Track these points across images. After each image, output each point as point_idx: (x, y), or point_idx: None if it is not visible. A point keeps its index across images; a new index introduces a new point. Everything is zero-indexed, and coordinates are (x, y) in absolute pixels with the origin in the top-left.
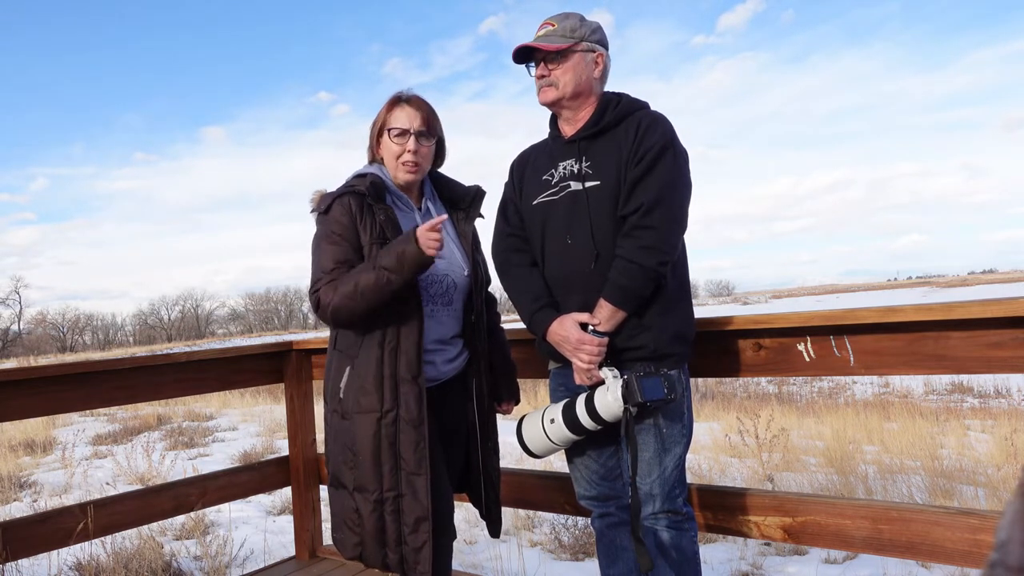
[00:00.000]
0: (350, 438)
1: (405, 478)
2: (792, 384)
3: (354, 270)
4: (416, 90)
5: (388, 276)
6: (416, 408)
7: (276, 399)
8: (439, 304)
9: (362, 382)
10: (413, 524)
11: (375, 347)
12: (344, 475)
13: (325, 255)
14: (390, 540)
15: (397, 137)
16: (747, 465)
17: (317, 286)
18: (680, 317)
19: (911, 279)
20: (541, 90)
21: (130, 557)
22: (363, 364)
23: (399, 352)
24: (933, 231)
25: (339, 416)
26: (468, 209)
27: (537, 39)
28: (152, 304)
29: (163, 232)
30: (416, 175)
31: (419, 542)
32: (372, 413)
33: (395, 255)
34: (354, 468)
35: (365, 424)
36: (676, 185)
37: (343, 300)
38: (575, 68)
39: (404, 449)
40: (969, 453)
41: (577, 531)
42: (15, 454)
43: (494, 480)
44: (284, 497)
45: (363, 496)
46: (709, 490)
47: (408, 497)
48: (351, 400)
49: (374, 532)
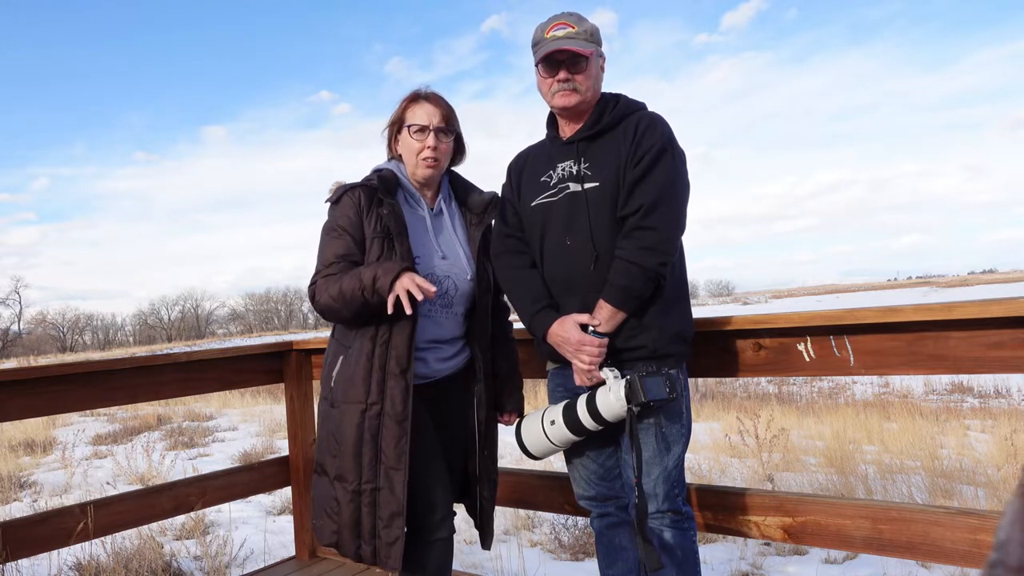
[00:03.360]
0: (335, 426)
1: (383, 471)
2: (792, 384)
3: (347, 273)
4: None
5: (362, 290)
6: (401, 404)
7: (276, 399)
8: (437, 306)
9: (351, 373)
10: (388, 518)
11: (368, 340)
12: (327, 462)
13: (327, 248)
14: (365, 532)
15: (417, 133)
16: (747, 465)
17: (314, 279)
18: (679, 317)
19: (911, 279)
20: (561, 93)
21: (130, 557)
22: (354, 355)
23: (390, 347)
24: (933, 231)
25: (328, 404)
26: (482, 215)
27: (561, 40)
28: (152, 304)
29: (163, 232)
30: (435, 171)
31: (392, 537)
32: (357, 404)
33: (371, 276)
34: (336, 456)
35: (350, 414)
36: (675, 186)
37: (329, 300)
38: (595, 74)
39: (385, 443)
40: (969, 453)
41: (577, 531)
42: (15, 454)
43: (489, 492)
44: (284, 497)
45: (342, 485)
46: (709, 490)
47: (385, 491)
48: (340, 389)
49: (350, 522)
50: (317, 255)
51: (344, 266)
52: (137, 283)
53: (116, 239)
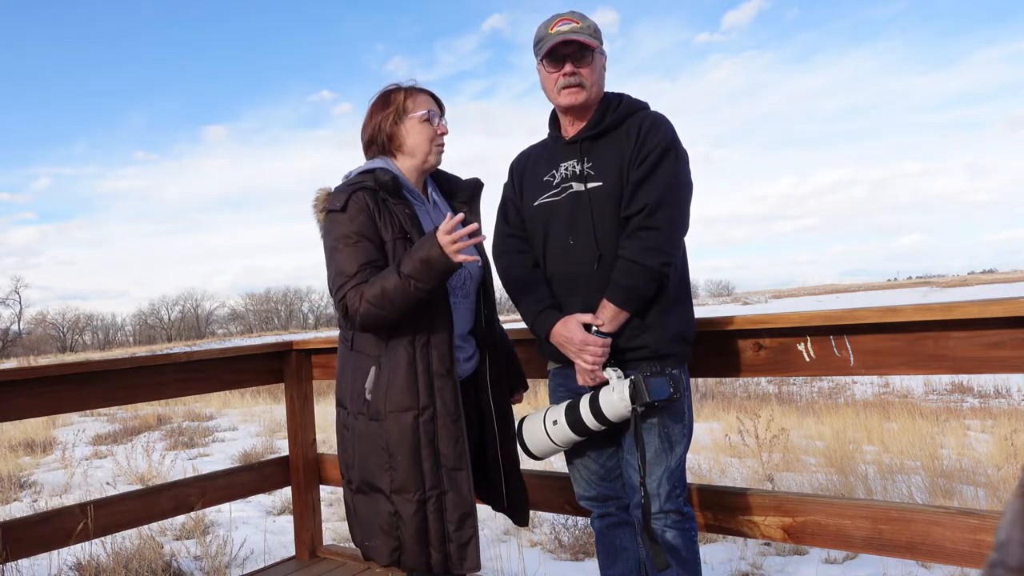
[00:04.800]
0: (384, 439)
1: (447, 474)
2: (792, 384)
3: (379, 275)
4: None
5: (415, 284)
6: (453, 403)
7: (276, 399)
8: (459, 296)
9: (393, 381)
10: (458, 520)
11: (405, 345)
12: (379, 478)
13: (347, 258)
14: (434, 539)
15: (426, 121)
16: (747, 465)
17: (342, 292)
18: (681, 317)
19: (911, 279)
20: (568, 91)
21: (130, 557)
22: (392, 363)
23: (430, 347)
24: (934, 231)
25: (367, 418)
26: (470, 202)
27: (566, 34)
28: (152, 304)
29: (164, 232)
30: (441, 156)
31: (465, 538)
32: (409, 411)
33: (418, 262)
34: (391, 470)
35: (401, 423)
36: (678, 186)
37: (371, 307)
38: (599, 71)
39: (443, 445)
40: (969, 453)
41: (577, 531)
42: (15, 454)
43: (516, 466)
44: (284, 497)
45: (403, 498)
46: (709, 490)
47: (451, 494)
48: (382, 400)
49: (416, 533)
50: (331, 267)
51: (371, 271)
52: (137, 283)
53: (116, 239)
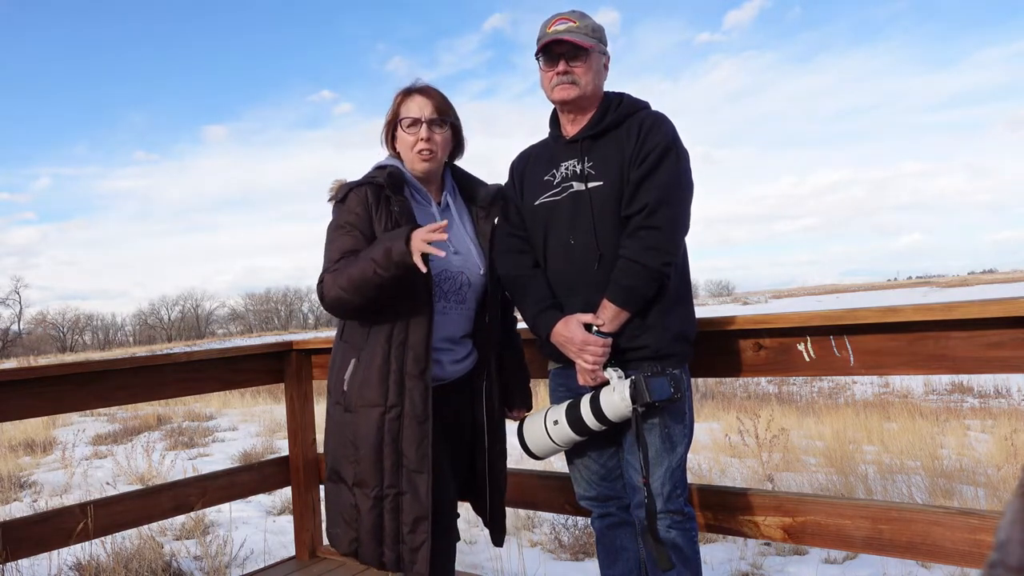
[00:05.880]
0: (352, 432)
1: (406, 475)
2: (792, 384)
3: (351, 259)
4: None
5: (374, 268)
6: (421, 405)
7: (276, 399)
8: (452, 302)
9: (367, 375)
10: (412, 523)
11: (383, 341)
12: (344, 469)
13: (334, 246)
14: (388, 538)
15: (410, 127)
16: (747, 465)
17: (322, 276)
18: (682, 317)
19: (911, 279)
20: (560, 87)
21: (130, 557)
22: (369, 357)
23: (407, 347)
24: (934, 231)
25: (342, 409)
26: (489, 208)
27: (561, 33)
28: (152, 304)
29: (164, 232)
30: (432, 163)
31: (417, 542)
32: (376, 407)
33: (383, 249)
34: (355, 463)
35: (368, 418)
36: (679, 186)
37: (339, 292)
38: (595, 69)
39: (407, 446)
40: (969, 453)
41: (577, 531)
42: (15, 454)
43: (500, 485)
44: (284, 497)
45: (362, 492)
46: (709, 490)
47: (408, 495)
48: (355, 393)
49: (372, 529)
50: (324, 255)
51: (352, 260)
52: (137, 283)
53: (116, 239)
